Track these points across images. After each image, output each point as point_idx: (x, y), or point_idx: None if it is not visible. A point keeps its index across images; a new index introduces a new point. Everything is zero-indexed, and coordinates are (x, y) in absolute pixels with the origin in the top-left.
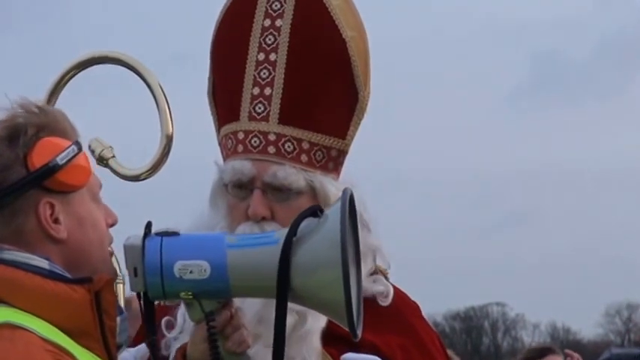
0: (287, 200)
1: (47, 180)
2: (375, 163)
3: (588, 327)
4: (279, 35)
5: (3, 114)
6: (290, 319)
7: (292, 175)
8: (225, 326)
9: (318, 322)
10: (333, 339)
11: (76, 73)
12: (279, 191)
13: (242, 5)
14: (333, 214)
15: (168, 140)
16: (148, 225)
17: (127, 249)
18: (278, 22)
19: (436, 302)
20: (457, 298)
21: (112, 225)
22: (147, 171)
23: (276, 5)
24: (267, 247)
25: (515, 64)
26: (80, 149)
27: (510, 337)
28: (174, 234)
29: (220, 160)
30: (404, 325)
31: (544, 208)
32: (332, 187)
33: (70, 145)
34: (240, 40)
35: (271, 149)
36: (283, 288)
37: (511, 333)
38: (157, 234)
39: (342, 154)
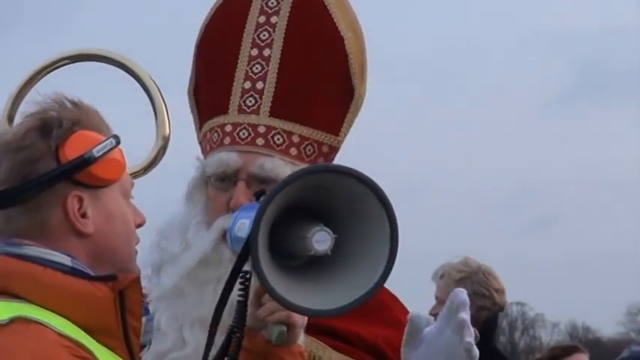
0: None
1: (79, 173)
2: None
3: (609, 325)
4: (274, 32)
5: (35, 107)
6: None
7: (280, 166)
8: (262, 294)
9: None
10: (315, 331)
11: (60, 67)
12: (264, 183)
13: (235, 3)
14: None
15: (165, 141)
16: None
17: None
18: (273, 19)
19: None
20: None
21: (139, 225)
22: (137, 171)
23: (272, 3)
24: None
25: (558, 72)
26: (118, 143)
27: (528, 336)
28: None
29: (201, 157)
30: (390, 319)
31: (569, 212)
32: None
33: (109, 138)
34: (232, 36)
35: (260, 141)
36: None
37: (529, 332)
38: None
39: (334, 150)
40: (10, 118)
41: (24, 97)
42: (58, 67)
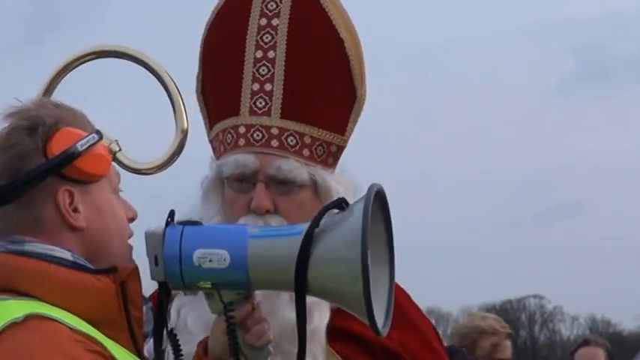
0: (290, 194)
1: (66, 167)
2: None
3: (629, 319)
4: (276, 34)
5: (19, 109)
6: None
7: (296, 168)
8: (245, 319)
9: (323, 318)
10: (338, 335)
11: (82, 63)
12: (282, 184)
13: (235, 6)
14: (358, 207)
15: (184, 135)
16: (171, 214)
17: (148, 236)
18: (274, 22)
19: (471, 295)
20: (494, 290)
21: (131, 219)
22: (156, 166)
23: (271, 5)
24: (289, 238)
25: (560, 58)
26: (101, 138)
27: (548, 330)
28: (197, 223)
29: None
30: (405, 321)
31: (586, 202)
32: (333, 182)
33: (91, 133)
34: (236, 39)
35: (274, 143)
36: (301, 280)
37: (548, 326)
38: (180, 223)
39: (341, 149)
40: None
41: (51, 94)
42: (79, 65)
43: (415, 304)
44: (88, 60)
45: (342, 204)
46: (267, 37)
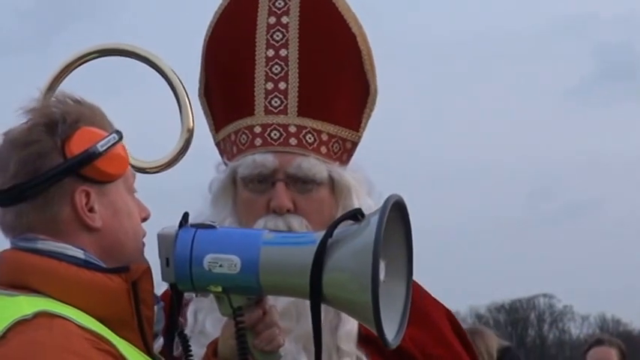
0: (309, 192)
1: (85, 168)
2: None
3: (639, 318)
4: (287, 31)
5: (38, 105)
6: (328, 317)
7: (316, 165)
8: (256, 323)
9: (355, 320)
10: (361, 340)
11: (87, 61)
12: (302, 183)
13: (240, 6)
14: (374, 218)
15: (189, 134)
16: (185, 216)
17: (161, 238)
18: (284, 19)
19: (480, 294)
20: (503, 289)
21: (144, 219)
22: (162, 165)
23: (279, 3)
24: (303, 246)
25: (581, 56)
26: (121, 138)
27: (557, 329)
28: (211, 227)
29: (217, 159)
30: (420, 318)
31: (599, 201)
32: (350, 178)
33: (111, 133)
34: (244, 39)
35: (293, 141)
36: (316, 289)
37: (558, 325)
38: (193, 225)
39: (355, 146)
40: None
41: (54, 92)
42: (84, 62)
43: (431, 297)
44: (94, 58)
45: (357, 215)
46: (277, 35)
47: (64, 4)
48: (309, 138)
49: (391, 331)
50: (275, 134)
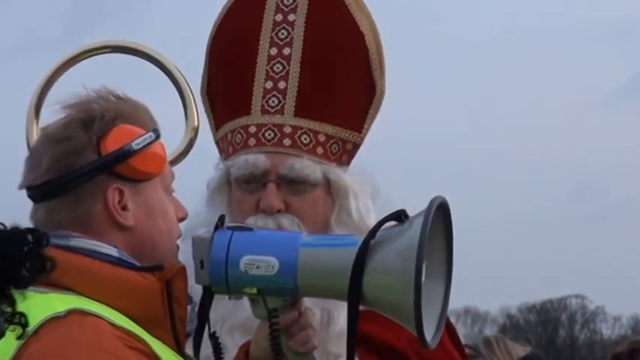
0: (303, 193)
1: (119, 165)
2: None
3: None
4: (292, 30)
5: (78, 100)
6: (320, 316)
7: (309, 167)
8: (290, 325)
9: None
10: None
11: (92, 56)
12: (294, 184)
13: (248, 2)
14: (417, 220)
15: (194, 133)
16: (221, 218)
17: (195, 241)
18: (291, 17)
19: (510, 294)
20: (535, 290)
21: (181, 219)
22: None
23: (287, 0)
24: (343, 248)
25: (621, 58)
26: (158, 136)
27: (589, 329)
28: (248, 229)
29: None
30: None
31: (632, 201)
32: (347, 179)
33: (148, 132)
34: (248, 36)
35: (287, 142)
36: (355, 291)
37: (589, 326)
38: (229, 228)
39: (357, 147)
40: (37, 109)
41: (50, 88)
42: (89, 57)
43: None
44: (99, 53)
45: (400, 216)
46: (282, 34)
47: (98, 3)
48: (305, 139)
49: (429, 332)
50: (269, 134)
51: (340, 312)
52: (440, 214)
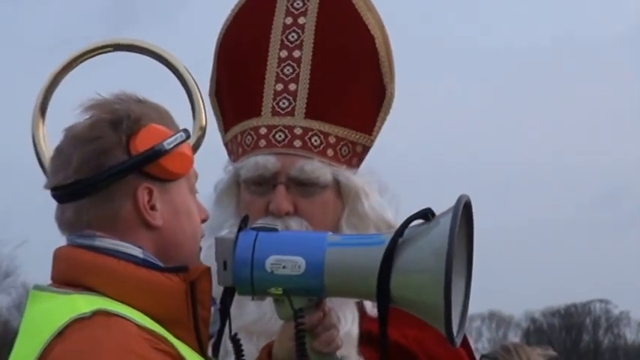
0: (312, 195)
1: (150, 165)
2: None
3: None
4: (302, 32)
5: (100, 102)
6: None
7: (320, 168)
8: (316, 325)
9: (355, 322)
10: (363, 341)
11: (98, 54)
12: (303, 186)
13: (258, 5)
14: (445, 218)
15: (202, 132)
16: (244, 219)
17: (219, 242)
18: (301, 20)
19: (536, 298)
20: (559, 294)
21: (203, 220)
22: None
23: (297, 3)
24: (370, 247)
25: None
26: (188, 137)
27: (612, 334)
28: (273, 229)
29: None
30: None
31: None
32: (357, 181)
33: (179, 132)
34: (258, 39)
35: (297, 143)
36: (384, 290)
37: (613, 331)
38: (254, 228)
39: (366, 150)
40: (43, 109)
41: (57, 86)
42: (96, 55)
43: None
44: (107, 52)
45: (427, 214)
46: (292, 36)
47: (133, 3)
48: (315, 141)
49: (454, 330)
50: (280, 136)
51: (347, 314)
52: (463, 212)
